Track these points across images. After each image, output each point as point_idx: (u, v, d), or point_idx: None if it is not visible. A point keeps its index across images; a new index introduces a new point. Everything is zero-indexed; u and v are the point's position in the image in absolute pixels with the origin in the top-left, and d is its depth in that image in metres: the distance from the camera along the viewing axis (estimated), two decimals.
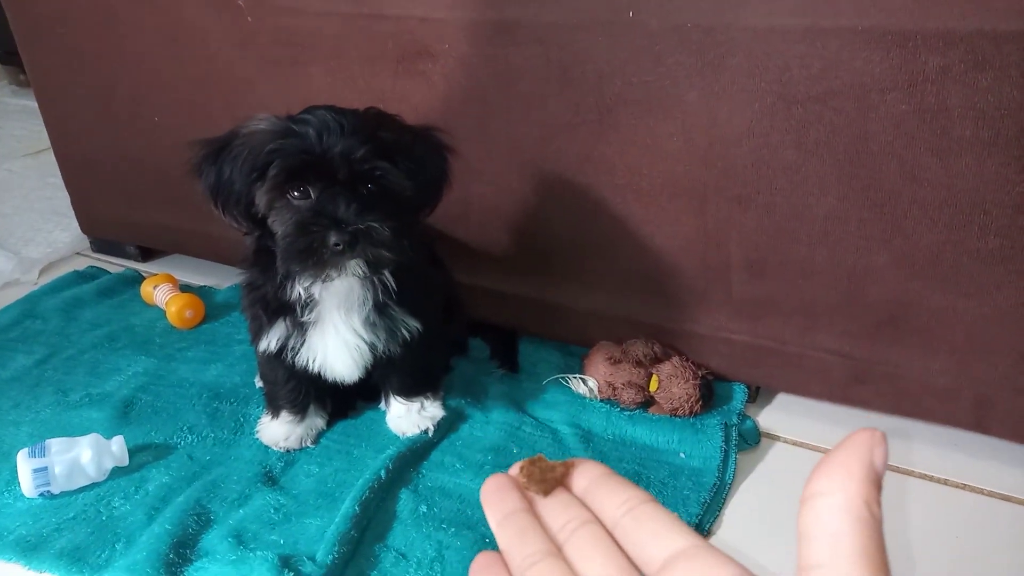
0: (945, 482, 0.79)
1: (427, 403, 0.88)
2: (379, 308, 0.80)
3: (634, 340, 0.91)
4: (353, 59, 0.89)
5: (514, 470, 0.33)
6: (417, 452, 0.84)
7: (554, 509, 0.31)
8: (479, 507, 0.76)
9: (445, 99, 0.87)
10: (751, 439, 0.85)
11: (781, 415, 0.90)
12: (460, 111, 0.87)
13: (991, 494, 0.77)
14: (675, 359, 0.89)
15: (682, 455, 0.82)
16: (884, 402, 0.81)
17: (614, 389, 0.90)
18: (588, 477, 0.32)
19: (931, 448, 0.83)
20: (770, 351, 0.85)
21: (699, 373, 0.87)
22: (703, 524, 0.75)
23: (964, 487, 0.79)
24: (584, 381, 0.92)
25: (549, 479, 0.33)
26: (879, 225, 0.72)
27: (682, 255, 0.84)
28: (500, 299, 1.00)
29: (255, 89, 0.98)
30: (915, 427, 0.84)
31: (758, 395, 0.92)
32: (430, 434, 0.85)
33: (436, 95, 0.87)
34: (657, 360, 0.90)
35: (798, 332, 0.83)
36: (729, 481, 0.80)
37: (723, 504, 0.78)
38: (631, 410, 0.89)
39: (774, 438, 0.86)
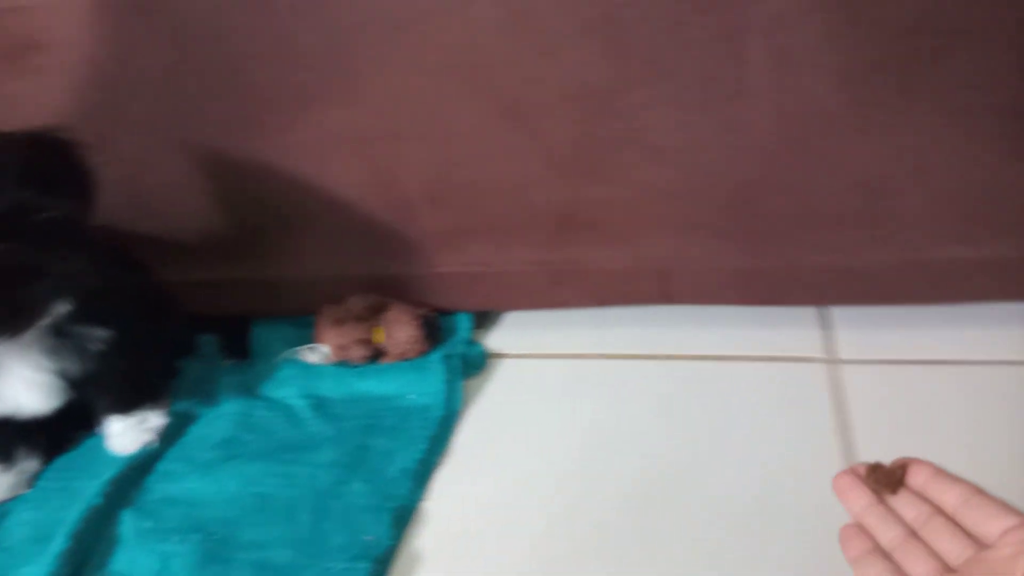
0: (652, 356, 0.84)
1: (149, 414, 0.84)
2: (58, 331, 0.75)
3: (353, 297, 0.91)
4: None
5: (858, 469, 0.45)
6: (140, 467, 0.80)
7: (904, 504, 0.42)
8: (207, 506, 0.74)
9: (79, 93, 0.80)
10: (478, 364, 0.87)
11: (508, 333, 0.92)
12: (102, 102, 0.81)
13: (691, 357, 0.83)
14: (395, 306, 0.89)
15: (412, 396, 0.83)
16: (584, 297, 0.85)
17: (344, 349, 0.89)
18: (923, 476, 0.43)
19: (639, 328, 0.88)
20: (478, 275, 0.87)
21: (419, 313, 0.88)
22: (431, 456, 0.76)
23: (670, 357, 0.84)
24: (315, 349, 0.90)
25: (893, 481, 0.43)
26: (518, 134, 0.73)
27: (365, 201, 0.83)
28: (221, 288, 0.96)
29: None
30: (619, 313, 0.88)
31: (486, 320, 0.94)
32: (154, 445, 0.81)
33: (66, 91, 0.80)
34: (378, 311, 0.90)
35: (496, 251, 0.85)
36: (457, 409, 0.81)
37: (452, 432, 0.79)
38: (363, 366, 0.88)
39: (502, 356, 0.89)
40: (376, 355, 0.89)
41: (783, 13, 0.63)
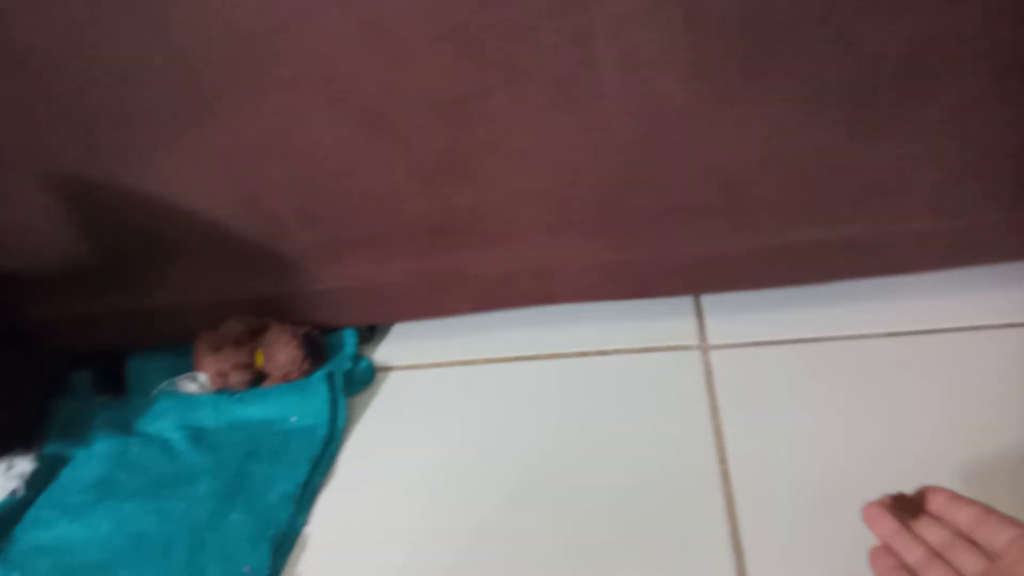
0: (536, 357, 0.85)
1: (15, 460, 0.79)
2: None
3: (230, 320, 0.88)
4: None
5: (884, 500, 0.49)
6: (7, 517, 0.75)
7: (927, 528, 0.46)
8: (78, 551, 0.70)
9: None
10: (364, 379, 0.85)
11: (395, 345, 0.91)
12: None
13: (573, 354, 0.84)
14: (274, 327, 0.87)
15: (294, 418, 0.81)
16: (465, 303, 0.85)
17: (224, 376, 0.86)
18: (939, 501, 0.47)
19: (523, 330, 0.88)
20: (358, 290, 0.86)
21: (299, 332, 0.86)
22: (314, 478, 0.74)
23: (554, 356, 0.85)
24: (194, 378, 0.87)
25: (914, 507, 0.47)
26: (382, 143, 0.73)
27: (234, 221, 0.81)
28: (91, 321, 0.91)
29: None
30: (502, 316, 0.88)
31: (373, 334, 0.93)
32: (20, 494, 0.77)
33: None
34: (257, 333, 0.87)
35: (374, 264, 0.84)
36: (340, 427, 0.79)
37: (336, 451, 0.77)
38: (244, 391, 0.85)
39: (389, 369, 0.88)
40: (259, 379, 0.87)
41: (626, 14, 0.65)
